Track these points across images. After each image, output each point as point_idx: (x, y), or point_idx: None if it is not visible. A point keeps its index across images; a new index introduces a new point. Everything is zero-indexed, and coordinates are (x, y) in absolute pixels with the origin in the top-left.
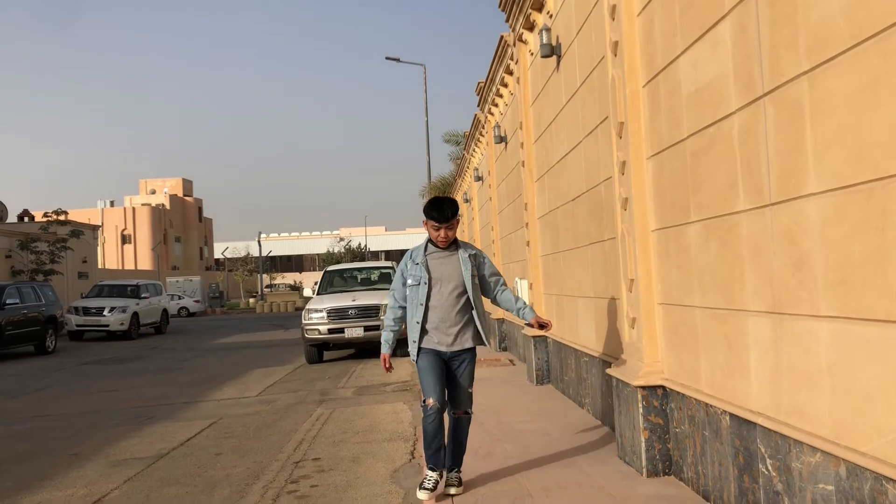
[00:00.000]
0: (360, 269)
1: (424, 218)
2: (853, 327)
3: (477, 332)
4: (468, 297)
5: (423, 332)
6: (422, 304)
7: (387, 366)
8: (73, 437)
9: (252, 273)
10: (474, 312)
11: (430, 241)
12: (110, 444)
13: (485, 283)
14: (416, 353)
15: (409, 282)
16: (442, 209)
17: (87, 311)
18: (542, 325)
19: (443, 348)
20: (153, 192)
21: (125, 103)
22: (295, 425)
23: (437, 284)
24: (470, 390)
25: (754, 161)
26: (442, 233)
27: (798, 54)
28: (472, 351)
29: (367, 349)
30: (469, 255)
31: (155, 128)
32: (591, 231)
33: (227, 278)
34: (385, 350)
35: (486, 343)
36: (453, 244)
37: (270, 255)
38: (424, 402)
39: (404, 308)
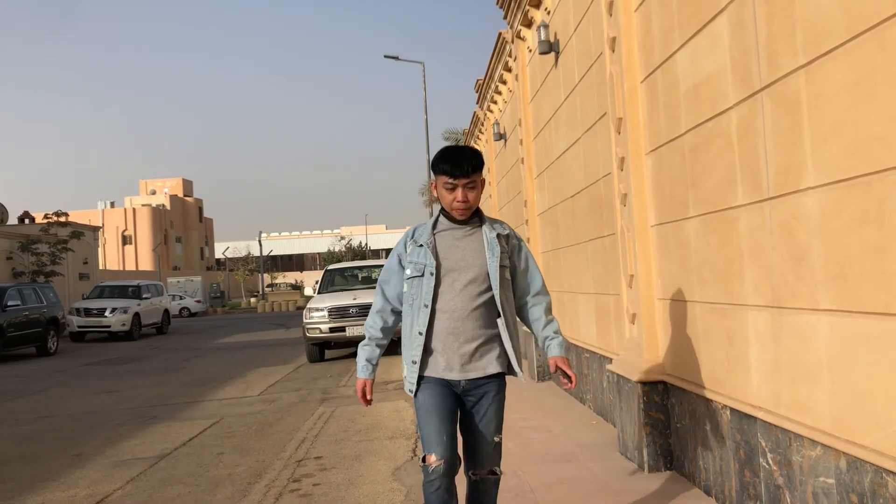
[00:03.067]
0: (360, 268)
1: (433, 177)
2: (852, 321)
3: (504, 354)
4: (492, 298)
5: (427, 350)
6: (427, 306)
7: (368, 398)
8: (76, 438)
9: (253, 272)
10: (501, 322)
11: (442, 212)
12: (112, 445)
13: (514, 281)
14: (415, 384)
15: (409, 272)
16: (459, 159)
17: (88, 313)
18: (565, 375)
19: (453, 375)
20: (153, 193)
21: (125, 104)
22: (297, 424)
23: (448, 276)
24: (497, 439)
25: (752, 155)
26: (459, 193)
27: (795, 48)
28: (497, 379)
29: None
30: (498, 236)
31: (155, 128)
32: (591, 227)
33: (228, 278)
34: (365, 374)
35: (517, 371)
36: (475, 217)
37: (271, 254)
38: (424, 459)
39: (398, 313)
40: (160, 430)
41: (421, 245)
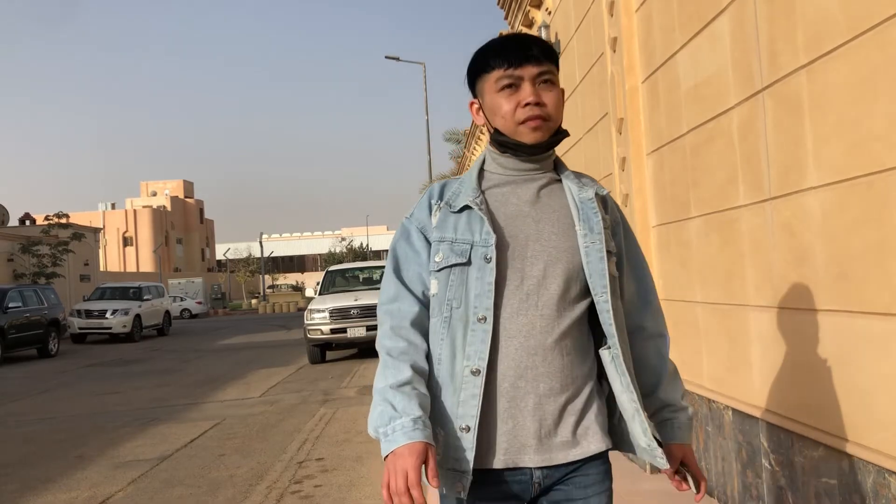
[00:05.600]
0: (361, 269)
1: (474, 89)
2: (854, 320)
3: (616, 415)
4: (591, 304)
5: (484, 406)
6: (483, 320)
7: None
8: (77, 440)
9: (254, 274)
10: (610, 356)
11: (492, 150)
12: (114, 446)
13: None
14: (470, 472)
15: (439, 258)
16: (518, 41)
17: (89, 314)
18: (687, 478)
19: (525, 459)
20: (154, 194)
21: (125, 105)
22: (298, 425)
23: (514, 267)
24: None
25: (754, 155)
26: (527, 91)
27: (796, 48)
28: (601, 459)
29: (369, 349)
30: (596, 196)
31: (155, 129)
32: None
33: (229, 279)
34: (422, 434)
35: (650, 448)
36: (549, 159)
37: (272, 255)
38: None
39: (424, 331)
40: (161, 432)
41: (462, 209)
